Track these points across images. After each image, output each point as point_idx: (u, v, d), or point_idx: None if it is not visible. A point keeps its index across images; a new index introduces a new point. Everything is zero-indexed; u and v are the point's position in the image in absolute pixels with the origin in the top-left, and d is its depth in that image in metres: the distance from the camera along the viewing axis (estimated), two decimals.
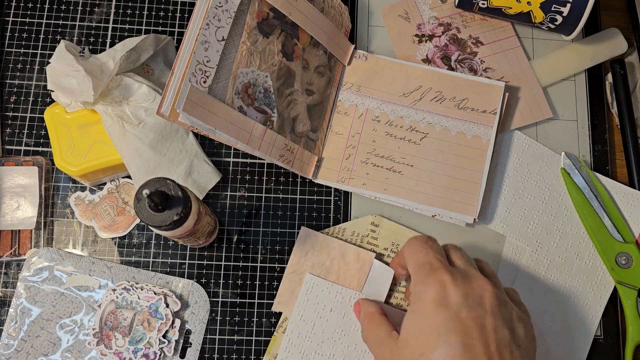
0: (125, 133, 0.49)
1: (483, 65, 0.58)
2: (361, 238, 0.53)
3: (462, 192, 0.54)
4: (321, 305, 0.51)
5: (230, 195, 0.55)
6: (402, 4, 0.60)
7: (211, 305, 0.52)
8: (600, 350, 0.53)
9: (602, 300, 0.53)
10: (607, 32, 0.59)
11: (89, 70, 0.47)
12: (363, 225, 0.54)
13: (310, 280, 0.52)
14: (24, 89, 0.56)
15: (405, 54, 0.58)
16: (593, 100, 0.59)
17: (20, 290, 0.51)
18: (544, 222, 0.55)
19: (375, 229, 0.53)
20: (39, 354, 0.50)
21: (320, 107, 0.55)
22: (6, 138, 0.55)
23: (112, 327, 0.50)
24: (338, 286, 0.51)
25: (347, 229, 0.53)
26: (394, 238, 0.53)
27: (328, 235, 0.53)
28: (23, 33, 0.57)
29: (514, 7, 0.54)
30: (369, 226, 0.54)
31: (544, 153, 0.56)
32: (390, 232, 0.53)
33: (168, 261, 0.53)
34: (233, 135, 0.48)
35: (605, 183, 0.56)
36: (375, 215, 0.54)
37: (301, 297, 0.51)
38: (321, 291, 0.51)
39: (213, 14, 0.47)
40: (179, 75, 0.45)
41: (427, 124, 0.56)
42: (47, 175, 0.54)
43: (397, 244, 0.53)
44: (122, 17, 0.58)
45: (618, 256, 0.53)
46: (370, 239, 0.53)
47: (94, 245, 0.53)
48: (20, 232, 0.52)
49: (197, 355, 0.51)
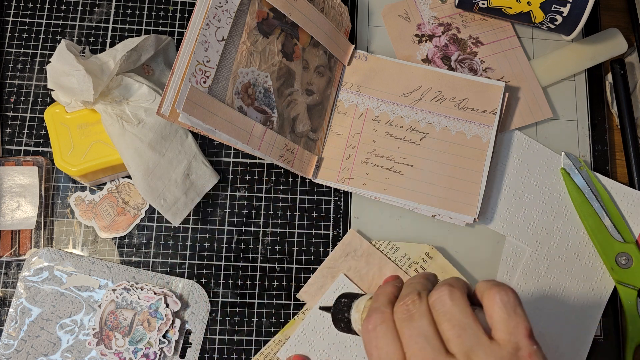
0: (125, 132, 0.49)
1: (483, 65, 0.58)
2: (410, 263, 0.53)
3: (462, 192, 0.54)
4: None
5: (230, 195, 0.55)
6: (402, 4, 0.60)
7: (211, 305, 0.52)
8: (600, 350, 0.53)
9: (602, 300, 0.53)
10: (607, 32, 0.59)
11: (90, 70, 0.47)
12: (417, 252, 0.53)
13: (342, 281, 0.52)
14: (24, 89, 0.56)
15: (405, 54, 0.58)
16: (593, 100, 0.59)
17: (20, 290, 0.51)
18: (544, 222, 0.55)
19: (427, 259, 0.53)
20: (39, 354, 0.50)
21: (320, 107, 0.55)
22: (6, 138, 0.55)
23: (112, 327, 0.50)
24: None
25: (401, 248, 0.53)
26: (442, 276, 0.52)
27: (373, 246, 0.53)
28: (23, 33, 0.57)
29: (514, 7, 0.54)
30: (422, 255, 0.53)
31: (544, 153, 0.56)
32: (440, 268, 0.53)
33: (168, 261, 0.53)
34: (233, 135, 0.48)
35: (605, 183, 0.56)
36: (432, 246, 0.53)
37: (328, 294, 0.52)
38: None
39: (213, 14, 0.47)
40: (179, 76, 0.45)
41: (427, 124, 0.56)
42: (47, 175, 0.54)
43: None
44: (122, 17, 0.58)
45: (618, 256, 0.53)
46: (419, 268, 0.53)
47: (94, 245, 0.53)
48: (20, 232, 0.52)
49: (197, 355, 0.51)
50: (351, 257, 0.53)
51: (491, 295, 0.34)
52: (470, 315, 0.33)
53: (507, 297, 0.34)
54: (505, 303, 0.33)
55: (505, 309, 0.33)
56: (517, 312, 0.33)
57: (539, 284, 0.53)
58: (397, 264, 0.53)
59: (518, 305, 0.34)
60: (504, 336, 0.33)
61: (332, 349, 0.51)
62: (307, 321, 0.51)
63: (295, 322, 0.52)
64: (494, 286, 0.34)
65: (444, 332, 0.34)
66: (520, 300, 0.34)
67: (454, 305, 0.34)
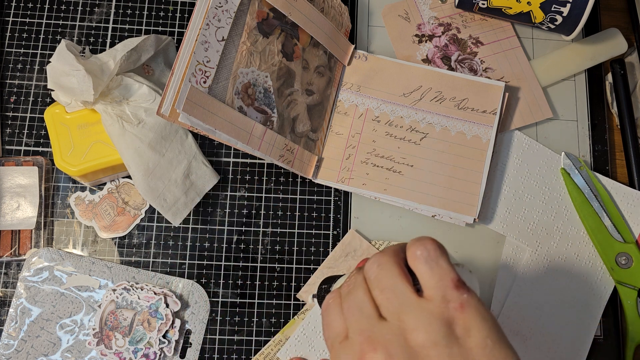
0: (125, 132, 0.49)
1: (483, 65, 0.58)
2: None
3: (462, 192, 0.54)
4: None
5: (230, 195, 0.55)
6: (402, 4, 0.60)
7: (211, 305, 0.52)
8: (600, 350, 0.53)
9: (602, 300, 0.53)
10: (607, 32, 0.59)
11: (90, 70, 0.47)
12: None
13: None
14: (24, 89, 0.56)
15: (405, 54, 0.58)
16: (593, 100, 0.59)
17: (20, 290, 0.51)
18: (544, 222, 0.55)
19: None
20: (39, 354, 0.50)
21: (320, 107, 0.55)
22: (6, 138, 0.55)
23: (112, 327, 0.50)
24: None
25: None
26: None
27: (373, 246, 0.53)
28: (23, 33, 0.57)
29: (514, 7, 0.54)
30: None
31: (544, 153, 0.56)
32: None
33: (168, 261, 0.53)
34: (233, 136, 0.48)
35: (605, 183, 0.56)
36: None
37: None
38: None
39: (213, 14, 0.47)
40: (179, 76, 0.45)
41: (427, 124, 0.56)
42: (47, 175, 0.54)
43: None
44: (122, 17, 0.58)
45: (618, 256, 0.53)
46: None
47: (94, 245, 0.53)
48: (20, 232, 0.52)
49: (197, 355, 0.51)
50: (351, 257, 0.53)
51: (411, 252, 0.33)
52: (398, 276, 0.32)
53: (426, 250, 0.32)
54: (426, 257, 0.32)
55: (427, 263, 0.32)
56: (439, 264, 0.32)
57: (539, 284, 0.53)
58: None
59: (440, 256, 0.32)
60: (431, 292, 0.32)
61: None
62: (307, 321, 0.51)
63: (295, 322, 0.52)
64: (414, 242, 0.33)
65: (375, 298, 0.33)
66: (444, 251, 0.33)
67: (381, 270, 0.33)
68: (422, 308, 0.31)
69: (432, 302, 0.31)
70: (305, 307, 0.52)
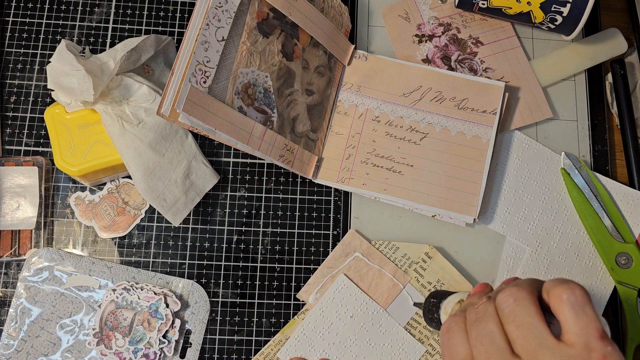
0: (125, 132, 0.49)
1: (483, 65, 0.58)
2: (410, 263, 0.53)
3: (462, 192, 0.54)
4: (344, 308, 0.51)
5: (230, 195, 0.55)
6: (402, 4, 0.60)
7: (211, 305, 0.52)
8: None
9: (602, 300, 0.53)
10: (607, 32, 0.59)
11: (90, 70, 0.47)
12: (416, 252, 0.53)
13: (342, 281, 0.52)
14: (24, 89, 0.56)
15: (405, 54, 0.58)
16: (593, 100, 0.59)
17: (20, 290, 0.51)
18: (544, 222, 0.55)
19: (427, 259, 0.53)
20: (39, 354, 0.50)
21: (320, 107, 0.55)
22: (6, 138, 0.55)
23: (112, 327, 0.50)
24: (366, 296, 0.52)
25: (401, 248, 0.53)
26: (441, 276, 0.53)
27: (373, 246, 0.53)
28: (23, 33, 0.57)
29: (514, 7, 0.54)
30: (422, 255, 0.53)
31: (544, 153, 0.56)
32: (440, 269, 0.53)
33: (168, 261, 0.53)
34: (233, 136, 0.48)
35: (605, 183, 0.56)
36: (432, 247, 0.53)
37: (328, 294, 0.52)
38: (349, 295, 0.52)
39: (213, 14, 0.47)
40: (179, 76, 0.45)
41: (427, 124, 0.56)
42: (47, 175, 0.54)
43: (442, 282, 0.53)
44: (122, 17, 0.58)
45: (618, 256, 0.53)
46: (419, 268, 0.53)
47: (94, 245, 0.53)
48: (20, 232, 0.53)
49: (197, 355, 0.51)
50: (351, 256, 0.53)
51: (557, 294, 0.32)
52: (535, 315, 0.32)
53: (573, 295, 0.32)
54: (573, 302, 0.32)
55: (574, 309, 0.31)
56: (586, 312, 0.31)
57: None
58: (397, 264, 0.53)
59: (587, 303, 0.32)
60: (573, 338, 0.31)
61: (332, 349, 0.51)
62: (307, 321, 0.51)
63: (295, 322, 0.52)
64: (560, 284, 0.32)
65: (509, 333, 0.33)
66: (589, 298, 0.32)
67: (517, 306, 0.33)
68: (562, 352, 0.31)
69: (573, 349, 0.31)
70: (305, 307, 0.52)
